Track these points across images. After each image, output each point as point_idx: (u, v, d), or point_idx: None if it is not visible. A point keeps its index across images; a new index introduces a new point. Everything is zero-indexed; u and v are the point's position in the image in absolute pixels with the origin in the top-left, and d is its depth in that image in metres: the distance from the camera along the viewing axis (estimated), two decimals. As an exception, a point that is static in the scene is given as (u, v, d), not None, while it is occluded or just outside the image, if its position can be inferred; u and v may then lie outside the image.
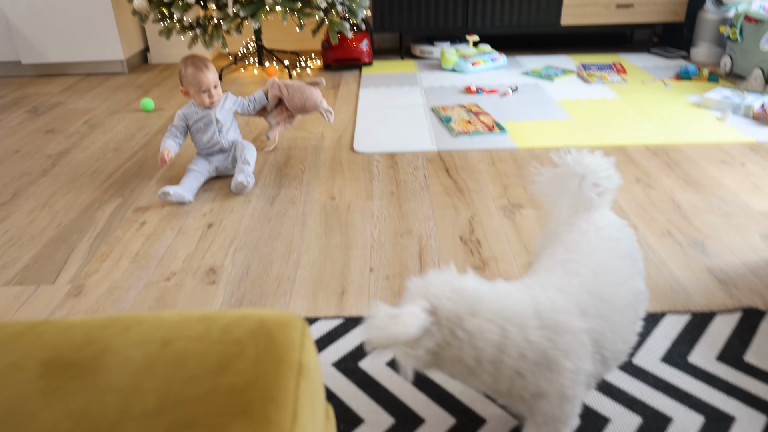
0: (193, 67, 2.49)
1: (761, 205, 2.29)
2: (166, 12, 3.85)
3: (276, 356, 0.77)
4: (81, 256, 2.10)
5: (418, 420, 1.37)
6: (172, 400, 0.70)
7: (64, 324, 0.84)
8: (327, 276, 1.94)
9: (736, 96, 3.31)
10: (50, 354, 0.77)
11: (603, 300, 1.17)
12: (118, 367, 0.75)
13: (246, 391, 0.71)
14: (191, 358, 0.76)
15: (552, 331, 1.07)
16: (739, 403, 1.39)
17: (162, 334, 0.80)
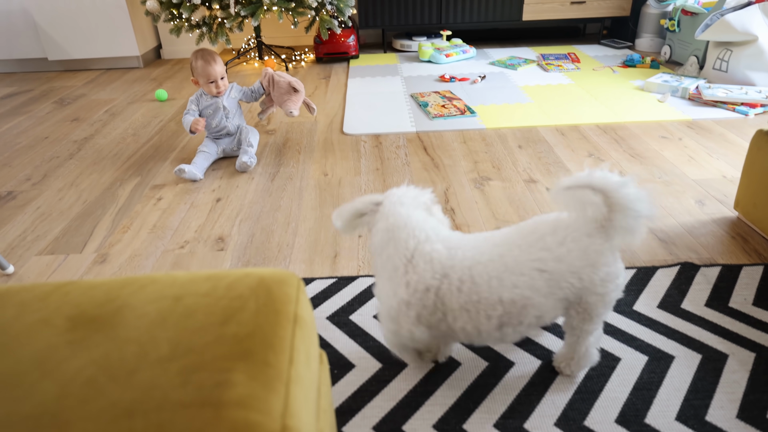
0: (202, 60, 2.46)
1: (696, 174, 2.30)
2: (175, 12, 3.79)
3: (274, 309, 0.77)
4: (105, 228, 2.09)
5: (402, 364, 1.38)
6: (183, 348, 0.70)
7: (87, 284, 0.83)
8: (321, 242, 1.94)
9: (674, 80, 3.31)
10: (75, 310, 0.77)
11: (474, 274, 1.12)
12: (135, 321, 0.75)
13: (248, 339, 0.71)
14: (199, 312, 0.76)
15: (420, 255, 1.13)
16: (678, 344, 1.40)
17: (174, 291, 0.80)
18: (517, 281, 1.11)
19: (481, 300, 1.12)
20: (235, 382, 0.65)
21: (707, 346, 1.39)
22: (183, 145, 2.83)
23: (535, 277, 1.11)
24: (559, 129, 2.84)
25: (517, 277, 1.11)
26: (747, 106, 2.93)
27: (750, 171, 1.83)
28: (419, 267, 1.13)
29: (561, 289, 1.13)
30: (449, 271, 1.13)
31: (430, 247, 1.14)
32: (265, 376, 0.67)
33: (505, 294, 1.11)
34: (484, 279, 1.12)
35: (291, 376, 0.69)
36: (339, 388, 1.32)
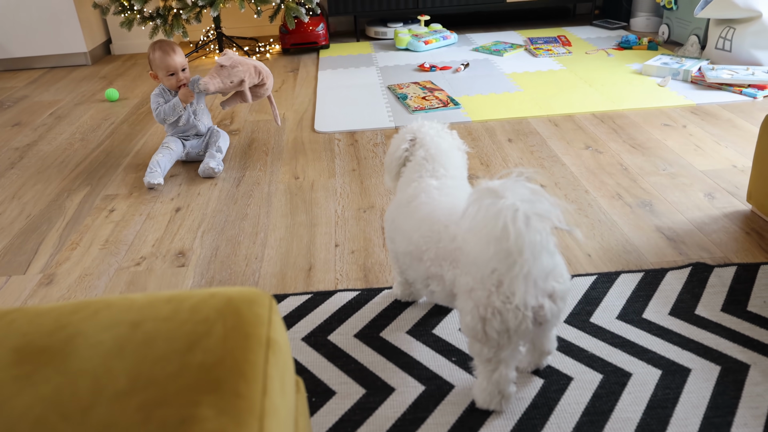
0: (160, 51, 2.45)
1: (703, 164, 2.32)
2: (126, 4, 3.77)
3: (244, 332, 0.76)
4: (51, 245, 2.06)
5: (389, 389, 1.37)
6: (142, 381, 0.68)
7: (35, 311, 0.81)
8: (294, 253, 1.92)
9: (674, 62, 3.35)
10: (21, 341, 0.75)
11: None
12: (88, 351, 0.73)
13: (215, 368, 0.70)
14: (160, 339, 0.74)
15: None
16: (693, 356, 1.40)
17: (131, 316, 0.78)
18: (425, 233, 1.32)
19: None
20: (203, 417, 0.64)
21: (726, 356, 1.39)
22: (137, 150, 2.80)
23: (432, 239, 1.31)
24: (552, 119, 2.85)
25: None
26: (755, 88, 2.97)
27: (762, 159, 1.85)
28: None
29: (440, 266, 1.29)
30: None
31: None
32: (236, 409, 0.66)
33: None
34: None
35: (265, 408, 0.68)
36: (318, 419, 1.30)
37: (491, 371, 1.23)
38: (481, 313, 1.14)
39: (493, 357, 1.20)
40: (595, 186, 2.21)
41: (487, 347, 1.19)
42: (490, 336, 1.15)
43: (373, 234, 1.99)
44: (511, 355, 1.22)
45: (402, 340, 1.51)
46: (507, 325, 1.13)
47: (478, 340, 1.19)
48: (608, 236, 1.90)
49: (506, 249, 1.02)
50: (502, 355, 1.20)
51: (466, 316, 1.18)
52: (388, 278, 1.76)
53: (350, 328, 1.56)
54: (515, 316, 1.12)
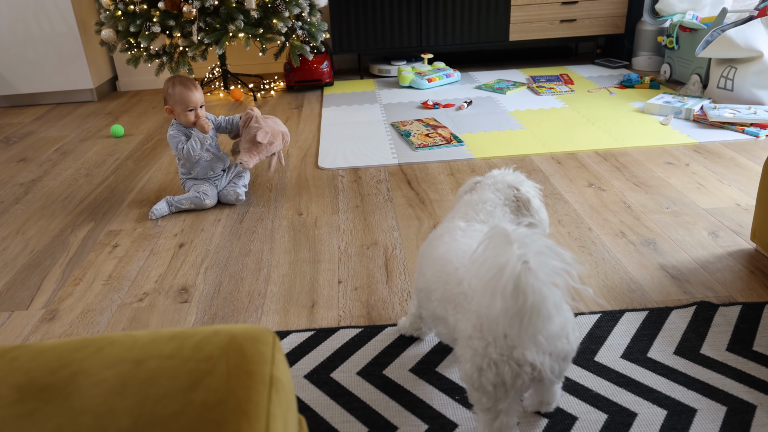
0: (181, 86, 2.43)
1: (706, 202, 2.32)
2: (133, 41, 3.81)
3: (247, 371, 0.76)
4: (54, 280, 2.06)
5: (392, 428, 1.36)
6: (145, 420, 0.68)
7: (38, 348, 0.81)
8: (297, 290, 1.92)
9: (676, 101, 3.37)
10: (24, 378, 0.75)
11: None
12: (91, 389, 0.73)
13: (218, 407, 0.70)
14: (163, 377, 0.74)
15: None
16: (699, 396, 1.39)
17: (134, 353, 0.78)
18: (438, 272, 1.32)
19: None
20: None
21: (732, 397, 1.38)
22: (142, 186, 2.81)
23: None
24: (555, 157, 2.86)
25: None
26: (757, 127, 2.99)
27: (766, 198, 1.85)
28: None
29: (444, 308, 1.27)
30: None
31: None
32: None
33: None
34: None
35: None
36: (322, 456, 1.29)
37: (491, 419, 1.20)
38: (478, 363, 1.12)
39: (492, 407, 1.18)
40: (598, 224, 2.21)
41: (485, 397, 1.17)
42: (485, 387, 1.13)
43: (377, 271, 1.99)
44: (511, 405, 1.19)
45: (405, 378, 1.50)
46: (503, 378, 1.10)
47: (476, 389, 1.16)
48: (612, 274, 1.89)
49: (514, 308, 0.98)
50: (501, 406, 1.18)
51: (465, 364, 1.15)
52: (392, 315, 1.75)
53: (353, 365, 1.55)
54: (511, 370, 1.09)
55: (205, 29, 3.68)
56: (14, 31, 4.17)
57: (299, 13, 3.85)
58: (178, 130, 2.49)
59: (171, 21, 3.65)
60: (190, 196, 2.49)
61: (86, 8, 4.37)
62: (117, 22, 3.73)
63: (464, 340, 1.17)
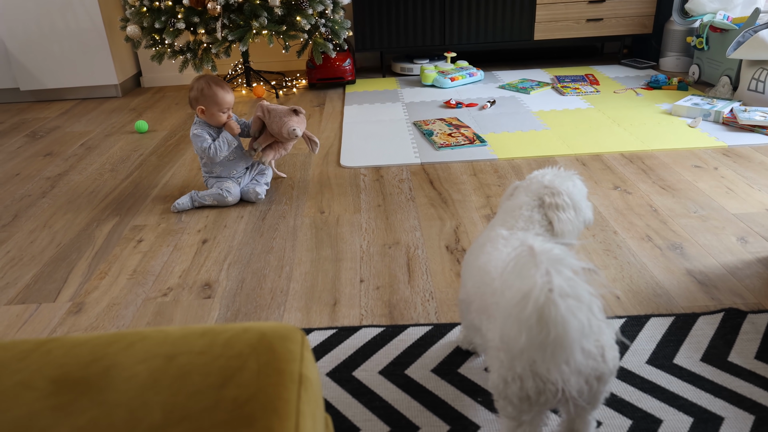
0: (217, 86, 2.45)
1: (735, 207, 2.31)
2: (157, 37, 3.85)
3: (277, 368, 0.77)
4: (80, 274, 2.09)
5: (413, 427, 1.36)
6: (177, 414, 0.69)
7: (71, 341, 0.83)
8: (319, 288, 1.93)
9: (705, 103, 3.34)
10: (59, 371, 0.77)
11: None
12: (124, 383, 0.74)
13: (249, 404, 0.71)
14: (195, 373, 0.75)
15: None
16: (726, 404, 1.38)
17: (166, 349, 0.80)
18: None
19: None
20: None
21: (761, 405, 1.37)
22: (165, 181, 2.84)
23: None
24: (580, 159, 2.85)
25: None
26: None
27: (794, 204, 1.84)
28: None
29: (478, 318, 1.26)
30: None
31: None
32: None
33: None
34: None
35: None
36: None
37: (515, 427, 1.20)
38: (503, 374, 1.11)
39: (516, 416, 1.18)
40: (623, 227, 2.20)
41: (510, 407, 1.16)
42: (511, 399, 1.12)
43: (398, 270, 2.00)
44: (536, 418, 1.17)
45: (427, 379, 1.50)
46: (527, 392, 1.08)
47: (502, 399, 1.16)
48: (638, 278, 1.88)
49: (538, 340, 0.96)
50: (524, 417, 1.17)
51: (493, 374, 1.14)
52: (413, 315, 1.76)
53: (375, 364, 1.56)
54: (536, 385, 1.07)
55: (228, 26, 3.70)
56: (40, 27, 4.22)
57: (323, 10, 3.87)
58: (202, 129, 2.50)
59: (195, 18, 3.67)
60: (213, 192, 2.51)
61: (112, 4, 4.42)
62: (142, 19, 3.76)
63: (492, 350, 1.16)
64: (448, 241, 2.17)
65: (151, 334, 0.83)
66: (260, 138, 2.61)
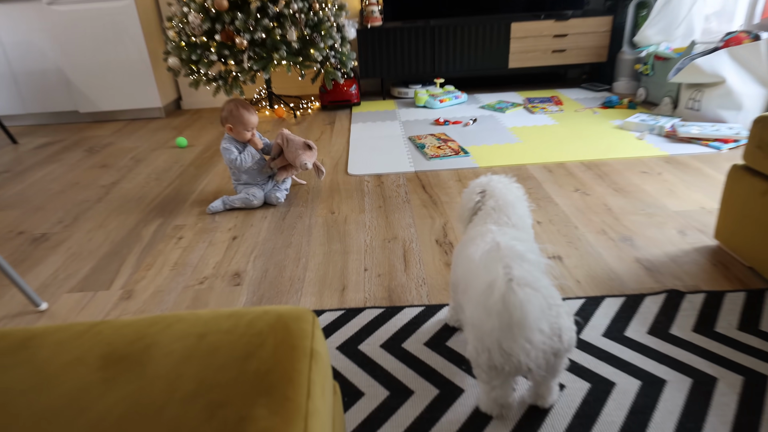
0: (244, 109, 2.44)
1: (676, 205, 2.30)
2: (194, 67, 3.84)
3: (292, 344, 0.76)
4: (130, 266, 2.08)
5: (408, 392, 1.36)
6: (207, 384, 0.68)
7: (118, 324, 0.82)
8: (330, 276, 1.92)
9: (651, 119, 3.33)
10: (107, 349, 0.76)
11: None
12: (163, 358, 0.73)
13: (268, 375, 0.70)
14: (222, 349, 0.74)
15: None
16: (669, 369, 1.38)
17: (198, 329, 0.79)
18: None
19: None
20: (258, 416, 0.64)
21: (697, 370, 1.37)
22: (202, 188, 2.83)
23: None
24: (547, 166, 2.84)
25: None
26: (720, 142, 2.95)
27: (728, 202, 1.83)
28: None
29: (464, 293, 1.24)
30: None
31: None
32: (285, 410, 0.66)
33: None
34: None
35: (309, 409, 0.68)
36: (350, 416, 1.30)
37: (489, 390, 1.21)
38: (476, 346, 1.12)
39: (488, 381, 1.18)
40: (583, 223, 2.19)
41: (483, 373, 1.16)
42: (482, 367, 1.13)
43: (396, 261, 1.99)
44: (505, 383, 1.18)
45: (420, 351, 1.50)
46: (494, 362, 1.09)
47: (476, 367, 1.16)
48: (595, 266, 1.88)
49: (502, 324, 0.97)
50: (495, 382, 1.17)
51: (468, 345, 1.16)
52: (409, 298, 1.75)
53: (377, 339, 1.56)
54: (501, 357, 1.07)
55: (254, 57, 3.70)
56: (97, 60, 4.22)
57: (332, 44, 3.86)
58: (230, 143, 2.49)
59: (226, 51, 3.66)
60: (241, 197, 2.50)
61: (155, 40, 4.41)
62: (181, 52, 3.75)
63: (468, 326, 1.16)
64: (437, 236, 2.16)
65: (186, 316, 0.82)
66: (277, 160, 2.60)
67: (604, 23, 4.34)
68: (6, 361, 0.75)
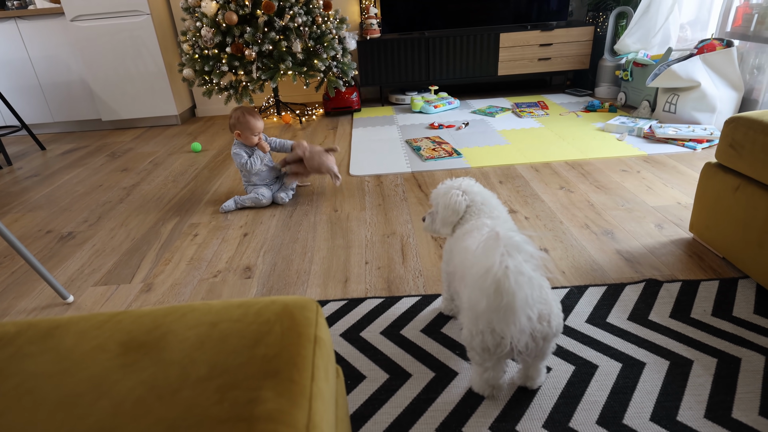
0: (251, 116, 2.43)
1: (654, 201, 2.29)
2: (207, 78, 3.83)
3: (297, 332, 0.76)
4: (150, 261, 2.08)
5: (407, 374, 1.36)
6: (219, 369, 0.68)
7: (137, 313, 0.82)
8: (333, 269, 1.92)
9: (630, 122, 3.32)
10: (126, 337, 0.76)
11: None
12: (177, 345, 0.73)
13: (275, 359, 0.70)
14: (233, 336, 0.74)
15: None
16: (647, 352, 1.38)
17: (210, 318, 0.79)
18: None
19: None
20: (265, 398, 0.64)
21: (674, 353, 1.37)
22: (215, 189, 2.83)
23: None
24: (534, 166, 2.84)
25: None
26: (694, 142, 2.94)
27: (702, 198, 1.83)
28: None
29: (461, 281, 1.22)
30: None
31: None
32: (291, 392, 0.65)
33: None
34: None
35: (313, 391, 0.68)
36: (352, 397, 1.30)
37: (482, 371, 1.21)
38: (471, 329, 1.12)
39: (482, 363, 1.18)
40: (567, 218, 2.19)
41: (477, 356, 1.16)
42: (476, 349, 1.13)
43: (395, 254, 1.99)
44: (497, 365, 1.19)
45: (417, 337, 1.50)
46: (487, 345, 1.10)
47: (470, 349, 1.17)
48: (578, 258, 1.87)
49: (494, 306, 0.97)
50: (487, 364, 1.18)
51: (464, 329, 1.16)
52: (407, 289, 1.75)
53: (377, 327, 1.56)
54: (494, 339, 1.08)
55: (262, 68, 3.69)
56: (118, 71, 4.22)
57: (334, 54, 3.85)
58: (240, 148, 2.49)
59: (236, 62, 3.66)
60: (251, 196, 2.50)
61: (171, 53, 4.40)
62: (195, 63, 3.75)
63: (464, 311, 1.16)
64: (432, 231, 2.15)
65: (199, 306, 0.82)
66: (292, 166, 2.58)
67: (587, 33, 4.33)
68: (33, 348, 0.75)
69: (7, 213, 2.71)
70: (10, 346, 0.76)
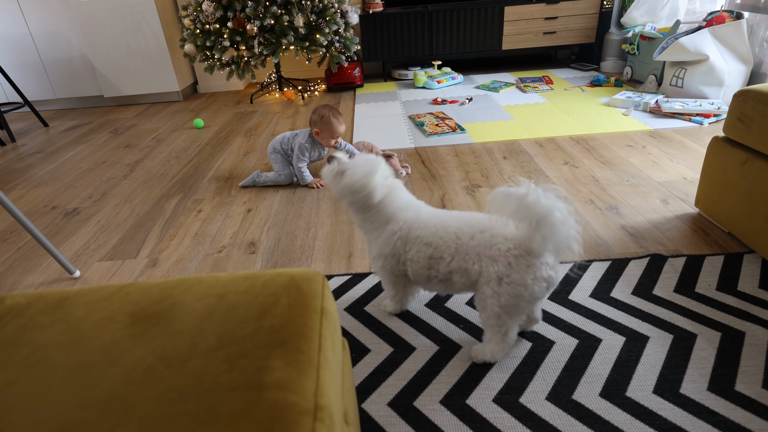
0: (335, 118, 2.34)
1: (659, 176, 2.28)
2: (209, 53, 3.81)
3: (304, 303, 0.77)
4: (155, 237, 2.09)
5: (411, 348, 1.37)
6: (227, 339, 0.69)
7: (144, 285, 0.83)
8: (337, 244, 1.93)
9: (636, 96, 3.30)
10: (135, 308, 0.77)
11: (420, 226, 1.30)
12: (185, 316, 0.74)
13: (282, 330, 0.71)
14: (240, 307, 0.75)
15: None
16: (651, 326, 1.38)
17: (218, 290, 0.80)
18: (442, 236, 1.25)
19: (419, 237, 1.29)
20: (273, 367, 0.65)
21: (678, 327, 1.37)
22: (218, 165, 2.83)
23: (450, 241, 1.23)
24: (538, 141, 2.82)
25: (442, 235, 1.25)
26: (701, 117, 2.92)
27: (708, 173, 1.82)
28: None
29: (465, 261, 1.21)
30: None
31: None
32: (299, 361, 0.66)
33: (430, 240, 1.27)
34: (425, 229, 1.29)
35: (320, 361, 0.69)
36: (357, 370, 1.31)
37: (505, 334, 1.24)
38: (518, 291, 1.15)
39: (511, 324, 1.23)
40: (572, 193, 2.19)
41: (511, 319, 1.21)
42: (522, 308, 1.18)
43: (399, 230, 1.99)
44: (515, 324, 1.24)
45: (421, 311, 1.51)
46: (534, 295, 1.16)
47: (507, 314, 1.19)
48: (583, 233, 1.87)
49: (544, 235, 1.10)
50: (513, 322, 1.22)
51: (501, 298, 1.17)
52: (411, 264, 1.76)
53: (381, 301, 1.57)
54: (540, 287, 1.15)
55: (263, 43, 3.66)
56: (119, 48, 4.18)
57: (337, 29, 3.81)
58: (312, 144, 2.42)
59: (238, 37, 3.63)
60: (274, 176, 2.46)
61: (172, 28, 4.36)
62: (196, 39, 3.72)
63: (495, 281, 1.19)
64: (436, 206, 2.15)
65: (206, 278, 0.83)
66: None
67: (593, 5, 4.27)
68: (44, 319, 0.76)
69: (12, 189, 2.72)
70: (21, 317, 0.77)
